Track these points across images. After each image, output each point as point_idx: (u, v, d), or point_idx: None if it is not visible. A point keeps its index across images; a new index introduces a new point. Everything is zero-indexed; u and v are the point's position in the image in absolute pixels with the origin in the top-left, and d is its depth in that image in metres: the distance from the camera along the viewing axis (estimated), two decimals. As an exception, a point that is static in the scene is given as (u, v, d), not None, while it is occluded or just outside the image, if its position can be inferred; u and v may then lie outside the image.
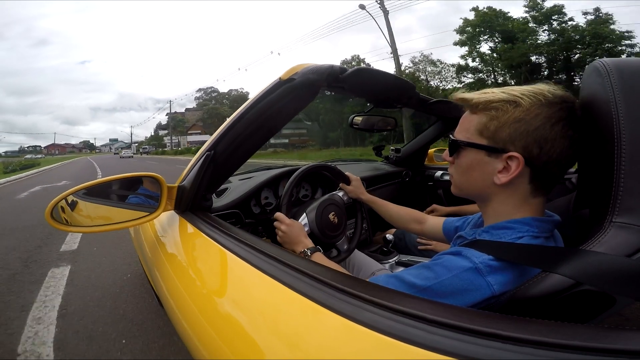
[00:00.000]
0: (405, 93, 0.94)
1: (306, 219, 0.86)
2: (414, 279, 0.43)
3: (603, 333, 0.24)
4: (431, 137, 1.54)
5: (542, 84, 0.42)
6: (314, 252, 0.70)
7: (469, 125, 0.45)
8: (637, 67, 0.40)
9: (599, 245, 0.34)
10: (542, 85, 0.42)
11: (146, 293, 1.58)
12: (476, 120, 0.44)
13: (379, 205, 0.92)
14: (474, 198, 0.49)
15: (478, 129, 0.43)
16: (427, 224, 0.82)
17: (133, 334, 1.28)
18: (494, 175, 0.43)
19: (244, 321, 0.44)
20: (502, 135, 0.41)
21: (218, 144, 0.75)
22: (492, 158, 0.43)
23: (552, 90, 0.41)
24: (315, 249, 0.71)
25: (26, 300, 1.56)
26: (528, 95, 0.40)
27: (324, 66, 0.61)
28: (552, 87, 0.41)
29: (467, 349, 0.25)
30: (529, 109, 0.40)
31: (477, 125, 0.44)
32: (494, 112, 0.42)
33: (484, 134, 0.43)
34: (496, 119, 0.42)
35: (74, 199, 0.68)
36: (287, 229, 0.76)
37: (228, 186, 1.11)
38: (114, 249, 2.28)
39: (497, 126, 0.42)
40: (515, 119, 0.40)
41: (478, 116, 0.44)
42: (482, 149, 0.43)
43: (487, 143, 0.43)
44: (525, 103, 0.40)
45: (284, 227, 0.76)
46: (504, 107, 0.41)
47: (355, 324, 0.31)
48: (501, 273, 0.39)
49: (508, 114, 0.41)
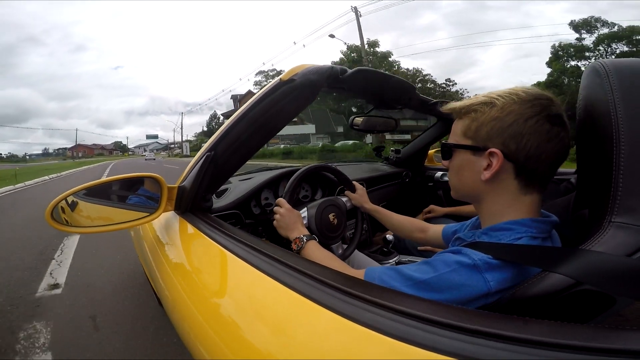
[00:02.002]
0: (406, 94, 0.94)
1: (306, 212, 0.85)
2: (412, 272, 0.44)
3: (603, 333, 0.24)
4: (431, 138, 1.54)
5: (519, 86, 0.46)
6: (309, 239, 0.69)
7: (457, 130, 0.49)
8: (636, 67, 0.40)
9: (598, 245, 0.34)
10: (518, 87, 0.46)
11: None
12: (461, 124, 0.48)
13: (382, 215, 0.92)
14: (470, 199, 0.51)
15: (463, 131, 0.48)
16: (430, 232, 0.82)
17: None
18: (480, 173, 0.46)
19: (244, 321, 0.44)
20: (482, 134, 0.45)
21: (218, 145, 0.75)
22: (476, 156, 0.46)
23: (525, 89, 0.44)
24: (310, 236, 0.70)
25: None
26: (502, 96, 0.44)
27: (324, 67, 0.62)
28: (527, 88, 0.45)
29: (467, 349, 0.25)
30: (503, 108, 0.44)
31: (462, 127, 0.48)
32: (473, 114, 0.46)
33: (467, 135, 0.47)
34: (476, 120, 0.46)
35: (74, 200, 0.68)
36: (286, 213, 0.75)
37: (228, 187, 1.11)
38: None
39: (477, 126, 0.46)
40: (491, 118, 0.44)
41: (462, 120, 0.48)
42: (467, 149, 0.47)
43: (471, 143, 0.47)
44: (499, 103, 0.44)
45: (282, 210, 0.75)
46: (482, 108, 0.45)
47: (355, 324, 0.31)
48: (499, 271, 0.39)
49: (485, 114, 0.45)
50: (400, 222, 0.89)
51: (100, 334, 1.35)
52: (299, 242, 0.68)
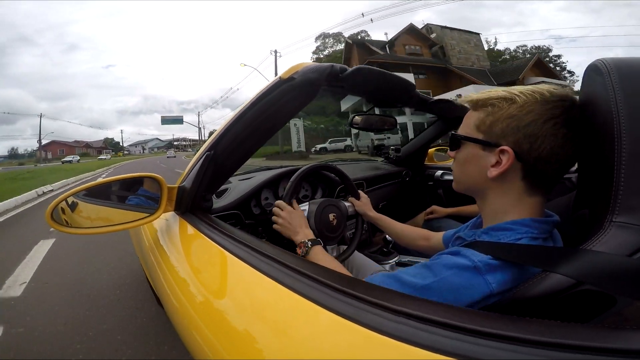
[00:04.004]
0: (406, 92, 0.94)
1: (307, 206, 0.85)
2: (412, 278, 0.43)
3: (603, 333, 0.24)
4: (431, 137, 1.54)
5: (546, 85, 0.44)
6: (315, 244, 0.68)
7: (469, 121, 0.47)
8: (638, 65, 0.39)
9: (599, 245, 0.34)
10: (545, 85, 0.43)
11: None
12: (475, 116, 0.46)
13: (385, 223, 0.91)
14: (472, 193, 0.50)
15: (476, 124, 0.46)
16: (433, 240, 0.81)
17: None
18: (487, 169, 0.44)
19: (244, 322, 0.44)
20: (496, 129, 0.43)
21: (218, 144, 0.74)
22: (486, 152, 0.45)
23: (551, 89, 0.42)
24: (316, 241, 0.69)
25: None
26: (525, 93, 0.42)
27: (324, 65, 0.61)
28: (553, 87, 0.43)
29: (467, 349, 0.25)
30: (523, 106, 0.42)
31: (476, 120, 0.46)
32: (490, 108, 0.44)
33: (480, 129, 0.45)
34: (492, 115, 0.44)
35: (74, 200, 0.68)
36: (288, 216, 0.74)
37: (228, 187, 1.11)
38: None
39: (492, 121, 0.44)
40: (508, 115, 0.42)
41: (477, 112, 0.46)
42: (477, 142, 0.46)
43: (483, 137, 0.45)
44: (520, 100, 0.42)
45: (284, 213, 0.74)
46: (500, 103, 0.43)
47: (355, 325, 0.31)
48: (500, 272, 0.39)
49: (503, 110, 0.43)
50: (403, 231, 0.88)
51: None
52: (304, 247, 0.67)
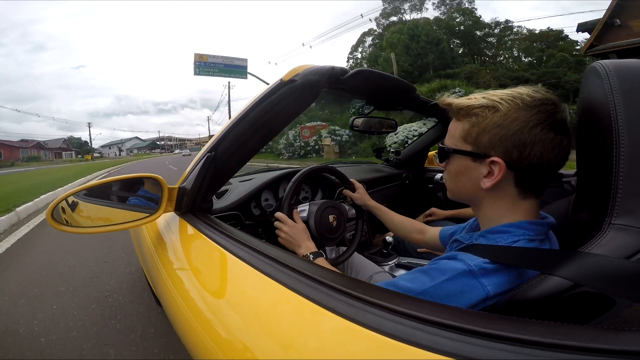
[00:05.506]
0: (406, 95, 0.94)
1: (308, 207, 0.85)
2: (409, 284, 0.43)
3: (602, 334, 0.24)
4: (431, 140, 1.54)
5: (523, 87, 0.43)
6: (317, 256, 0.69)
7: (455, 132, 0.47)
8: (637, 69, 0.40)
9: (598, 247, 0.34)
10: (522, 89, 0.43)
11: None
12: (460, 127, 0.46)
13: (383, 213, 0.92)
14: (467, 202, 0.51)
15: (462, 135, 0.45)
16: (427, 234, 0.82)
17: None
18: (480, 180, 0.44)
19: (244, 322, 0.44)
20: (483, 140, 0.43)
21: (219, 145, 0.75)
22: (476, 163, 0.44)
23: (531, 93, 0.42)
24: (318, 253, 0.71)
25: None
26: (506, 100, 0.41)
27: (325, 67, 0.62)
28: (531, 90, 0.42)
29: (467, 350, 0.25)
30: (507, 114, 0.41)
31: (461, 132, 0.45)
32: (474, 118, 0.43)
33: (468, 140, 0.45)
34: (477, 125, 0.43)
35: (74, 200, 0.68)
36: (290, 230, 0.75)
37: (228, 188, 1.11)
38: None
39: (478, 132, 0.43)
40: (494, 124, 0.42)
41: (462, 123, 0.45)
42: (466, 155, 0.45)
43: (471, 149, 0.44)
44: (503, 108, 0.41)
45: (286, 228, 0.76)
46: (484, 112, 0.42)
47: (356, 326, 0.31)
48: (495, 275, 0.39)
49: (487, 119, 0.42)
50: (400, 222, 0.89)
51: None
52: (306, 260, 0.68)
